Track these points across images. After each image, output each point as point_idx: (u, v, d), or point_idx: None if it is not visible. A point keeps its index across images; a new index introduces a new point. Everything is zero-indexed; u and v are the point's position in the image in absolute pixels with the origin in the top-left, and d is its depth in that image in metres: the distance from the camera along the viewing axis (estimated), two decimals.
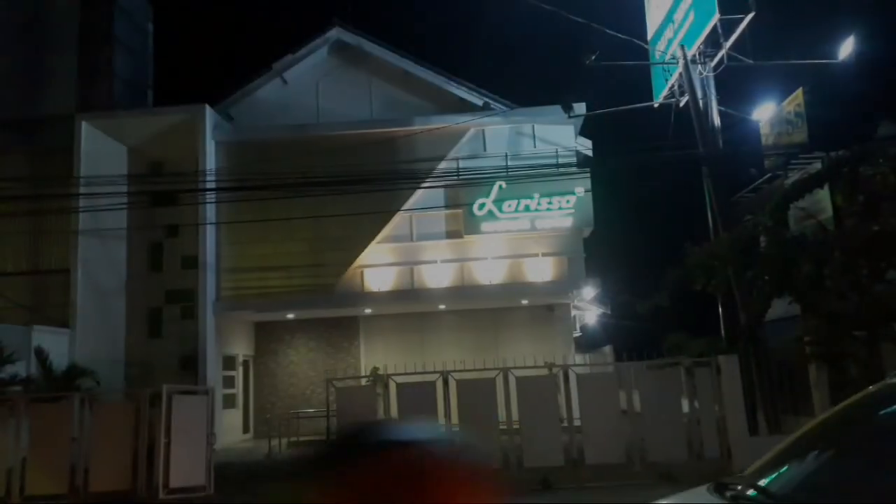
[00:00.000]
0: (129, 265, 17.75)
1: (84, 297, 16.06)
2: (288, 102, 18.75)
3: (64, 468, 10.15)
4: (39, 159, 16.60)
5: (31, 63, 17.52)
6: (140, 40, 19.31)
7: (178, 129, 17.02)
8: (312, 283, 16.75)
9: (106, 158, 16.64)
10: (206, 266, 16.31)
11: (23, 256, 16.51)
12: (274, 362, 18.78)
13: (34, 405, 10.67)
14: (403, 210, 16.78)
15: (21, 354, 13.25)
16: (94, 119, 16.81)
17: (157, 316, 17.96)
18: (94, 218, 14.69)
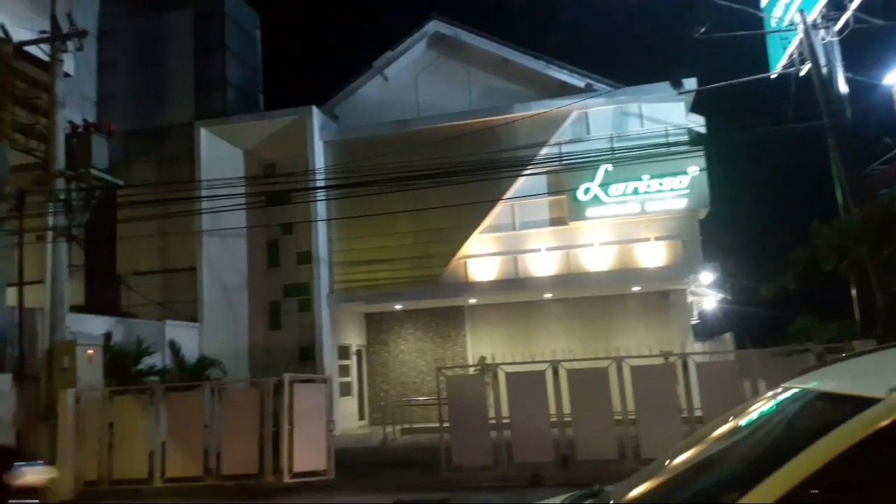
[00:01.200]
0: (250, 262, 18.76)
1: (210, 292, 17.12)
2: (389, 98, 19.13)
3: (198, 452, 10.84)
4: (165, 166, 17.81)
5: (154, 78, 18.81)
6: (250, 48, 20.29)
7: (288, 131, 17.76)
8: (418, 275, 17.05)
9: (224, 162, 17.62)
10: (318, 261, 16.97)
11: (154, 257, 17.80)
12: (385, 352, 19.28)
13: (170, 394, 11.46)
14: (505, 199, 16.72)
15: (157, 347, 14.32)
16: (212, 126, 17.84)
17: (276, 309, 18.91)
18: (216, 218, 15.59)
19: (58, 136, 12.42)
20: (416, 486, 10.26)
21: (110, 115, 17.48)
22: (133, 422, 11.12)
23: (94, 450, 11.02)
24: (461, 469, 10.46)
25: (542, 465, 10.24)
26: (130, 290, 17.36)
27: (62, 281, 12.17)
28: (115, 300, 17.38)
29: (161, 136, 18.30)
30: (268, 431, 10.90)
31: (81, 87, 16.42)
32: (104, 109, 18.08)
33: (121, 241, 17.51)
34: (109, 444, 11.06)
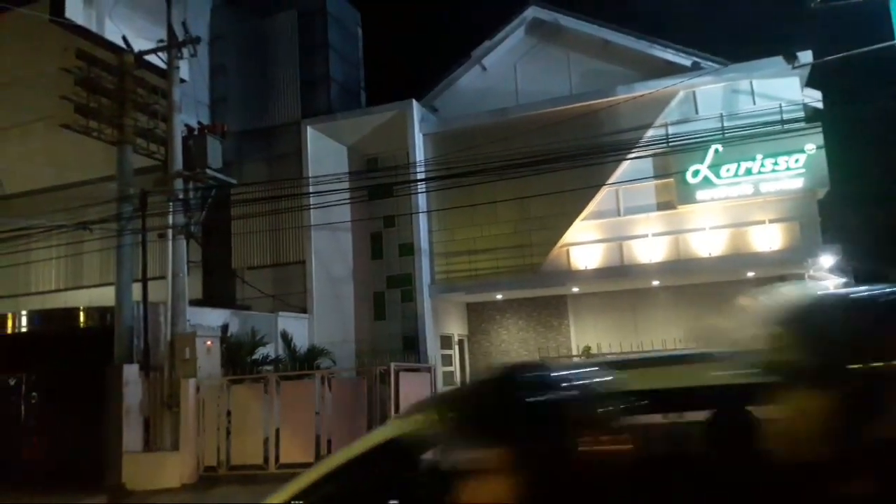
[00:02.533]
0: (355, 254, 19.25)
1: (318, 284, 17.70)
2: (488, 88, 19.02)
3: (310, 439, 11.24)
4: (275, 164, 18.51)
5: (262, 79, 19.58)
6: (352, 45, 20.74)
7: (389, 125, 18.04)
8: (519, 264, 16.88)
9: (329, 158, 18.13)
10: (420, 252, 17.16)
11: (266, 252, 18.58)
12: (487, 341, 19.26)
13: (283, 382, 11.94)
14: (609, 184, 16.23)
15: (270, 338, 14.95)
16: (317, 123, 18.39)
17: (380, 300, 19.33)
18: (323, 213, 16.06)
19: (175, 139, 13.14)
20: None
21: (222, 116, 18.42)
22: (249, 409, 11.66)
23: (213, 436, 11.64)
24: None
25: None
26: (245, 283, 18.24)
27: (182, 276, 12.90)
28: (230, 294, 18.30)
29: (270, 136, 19.05)
30: (376, 418, 11.14)
31: (195, 91, 17.39)
32: (217, 111, 19.10)
33: (235, 238, 18.39)
34: (227, 430, 11.66)
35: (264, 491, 7.40)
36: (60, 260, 18.12)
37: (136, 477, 11.41)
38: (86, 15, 13.37)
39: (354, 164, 19.26)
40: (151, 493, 10.92)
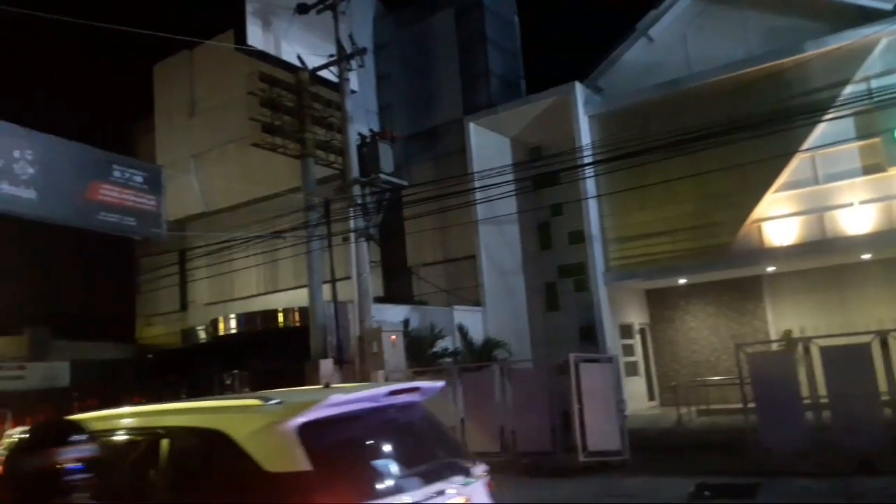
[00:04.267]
0: (523, 246, 19.16)
1: (489, 278, 17.82)
2: (655, 61, 17.99)
3: (494, 429, 11.31)
4: (441, 163, 18.92)
5: (424, 81, 20.10)
6: (509, 35, 20.66)
7: (551, 111, 17.70)
8: (703, 245, 15.77)
9: (492, 151, 18.17)
10: (591, 239, 16.65)
11: (438, 248, 19.07)
12: (671, 329, 18.28)
13: (463, 373, 12.15)
14: (802, 151, 14.67)
15: (447, 331, 15.31)
16: (479, 118, 18.51)
17: (552, 290, 19.07)
18: (490, 207, 16.11)
19: (351, 148, 13.84)
20: (719, 469, 9.49)
21: (390, 122, 19.17)
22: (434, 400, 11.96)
23: None
24: (771, 453, 9.41)
25: (870, 451, 8.80)
26: (420, 280, 18.86)
27: (366, 276, 13.57)
28: (408, 290, 19.00)
29: (434, 135, 19.51)
30: (558, 410, 10.97)
31: (365, 100, 18.24)
32: (385, 118, 19.90)
33: (409, 237, 19.05)
34: None
35: None
36: (259, 267, 19.86)
37: None
38: (265, 40, 14.42)
39: (518, 155, 19.16)
40: None
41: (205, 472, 3.46)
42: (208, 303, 22.20)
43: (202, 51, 20.92)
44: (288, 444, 3.26)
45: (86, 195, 10.28)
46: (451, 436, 4.59)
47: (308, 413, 3.40)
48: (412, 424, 4.18)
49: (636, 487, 9.32)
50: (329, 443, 3.40)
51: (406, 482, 3.47)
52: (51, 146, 9.93)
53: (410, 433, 4.13)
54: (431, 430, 4.32)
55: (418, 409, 4.29)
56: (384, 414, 3.92)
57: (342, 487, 3.18)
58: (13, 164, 9.36)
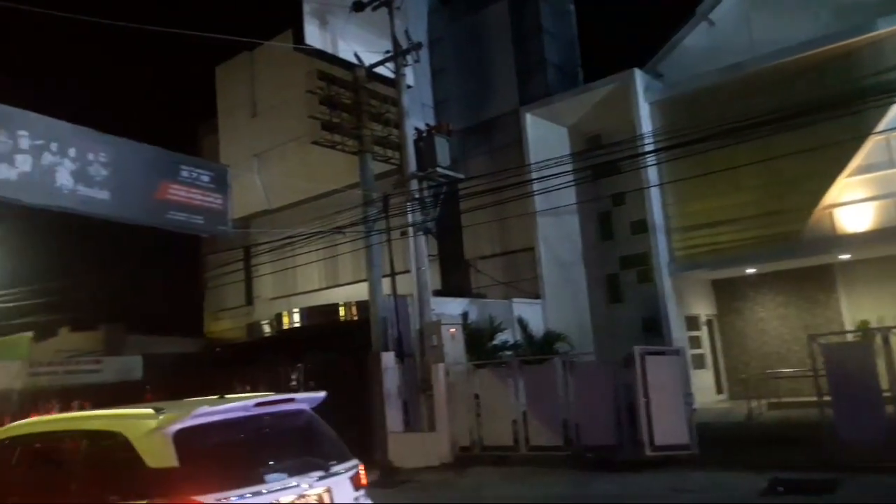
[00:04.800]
0: (583, 237, 18.90)
1: (548, 270, 17.67)
2: (716, 44, 17.47)
3: (557, 422, 11.21)
4: (497, 155, 18.81)
5: (479, 74, 20.02)
6: (565, 24, 20.37)
7: (610, 99, 17.40)
8: (771, 233, 15.24)
9: (549, 142, 17.97)
10: (654, 229, 16.30)
11: (496, 241, 19.00)
12: (740, 320, 17.75)
13: (525, 367, 12.08)
14: (876, 133, 13.99)
15: (506, 324, 15.25)
16: (535, 109, 18.34)
17: (614, 282, 18.77)
18: (548, 198, 15.94)
19: (408, 143, 13.93)
20: (792, 464, 9.15)
21: (446, 115, 19.14)
22: (495, 392, 11.97)
23: (464, 418, 12.14)
24: (848, 448, 9.03)
25: None
26: (478, 272, 18.84)
27: (424, 269, 13.65)
28: (465, 283, 19.01)
29: (491, 128, 19.42)
30: (623, 404, 10.80)
31: (420, 94, 18.27)
32: (440, 111, 19.89)
33: (466, 230, 19.03)
34: (476, 413, 12.11)
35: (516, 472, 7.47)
36: (320, 262, 20.19)
37: (399, 455, 12.31)
38: (322, 39, 14.63)
39: (576, 145, 18.90)
40: (415, 471, 11.69)
41: (107, 463, 4.38)
42: (272, 297, 22.74)
43: (262, 52, 21.37)
44: (164, 445, 4.13)
45: (156, 195, 10.63)
46: (333, 439, 5.23)
47: (182, 421, 4.26)
48: (291, 429, 5.03)
49: (706, 483, 9.09)
50: (197, 444, 4.21)
51: (264, 476, 4.29)
52: (122, 148, 10.31)
53: (287, 436, 4.97)
54: (312, 434, 5.12)
55: (302, 416, 5.17)
56: (260, 421, 4.74)
57: (202, 480, 4.03)
58: (88, 166, 9.76)
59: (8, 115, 8.87)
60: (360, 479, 5.01)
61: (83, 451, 4.51)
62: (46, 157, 9.23)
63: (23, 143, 8.98)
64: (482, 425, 11.98)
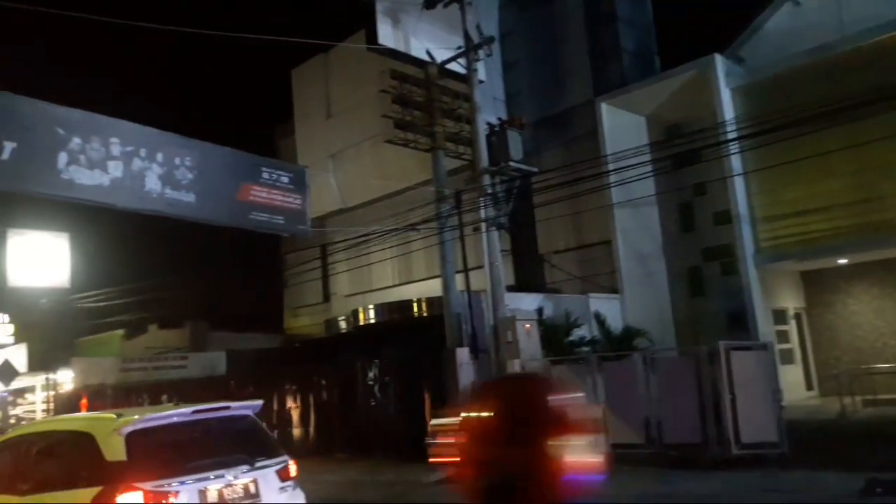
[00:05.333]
0: (663, 229, 18.39)
1: (626, 263, 17.28)
2: (802, 25, 16.63)
3: (638, 420, 10.94)
4: (571, 147, 18.51)
5: (552, 65, 19.76)
6: (640, 10, 19.84)
7: (689, 87, 16.86)
8: (865, 221, 14.42)
9: (626, 132, 17.55)
10: (739, 219, 15.69)
11: (570, 235, 18.72)
12: (830, 313, 16.89)
13: (603, 363, 11.84)
14: None
15: (583, 319, 14.99)
16: (611, 99, 17.96)
17: (696, 275, 18.17)
18: (625, 190, 15.58)
19: (480, 138, 13.85)
20: (892, 464, 8.63)
21: (518, 109, 19.01)
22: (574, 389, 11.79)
23: None
24: None
25: None
26: (553, 267, 18.60)
27: (497, 265, 13.56)
28: (539, 278, 18.81)
29: (564, 119, 19.14)
30: (707, 401, 10.44)
31: (492, 88, 18.19)
32: (513, 105, 19.76)
33: (539, 224, 18.83)
34: None
35: None
36: (394, 259, 20.42)
37: None
38: (395, 38, 14.74)
39: (654, 135, 18.39)
40: None
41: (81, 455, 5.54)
42: (348, 294, 23.18)
43: (336, 53, 21.78)
44: (118, 443, 5.32)
45: (238, 196, 10.93)
46: (268, 439, 6.46)
47: (133, 425, 5.48)
48: (231, 431, 6.17)
49: (798, 482, 8.68)
50: (143, 443, 5.41)
51: (196, 468, 5.44)
52: (206, 152, 10.65)
53: (225, 437, 6.11)
54: (250, 435, 6.26)
55: (245, 420, 6.32)
56: (203, 424, 6.00)
57: (144, 471, 5.21)
58: (174, 170, 10.14)
59: (101, 124, 9.31)
60: (288, 472, 6.11)
61: (66, 446, 5.85)
62: (136, 162, 9.62)
63: (114, 149, 9.39)
64: None
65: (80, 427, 5.95)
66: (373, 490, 11.63)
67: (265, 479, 5.87)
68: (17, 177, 8.42)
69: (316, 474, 13.25)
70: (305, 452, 14.97)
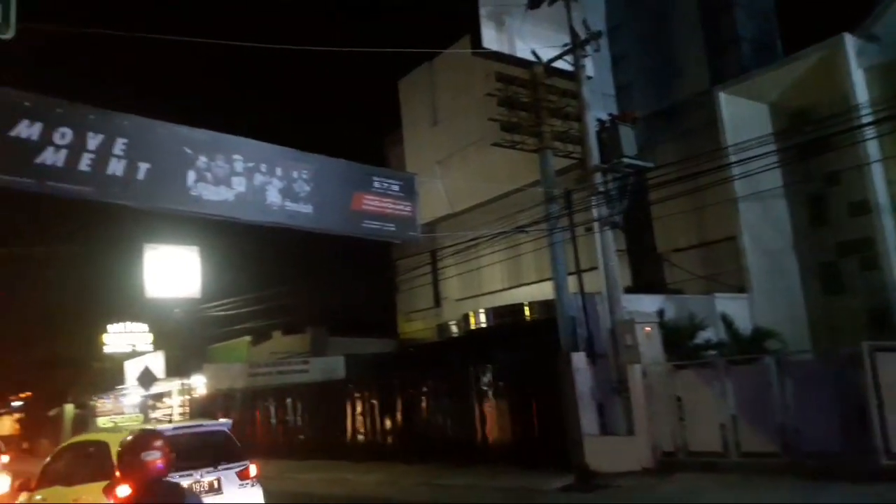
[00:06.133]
0: (792, 222, 17.18)
1: (754, 260, 16.27)
2: None
3: (772, 427, 10.22)
4: (687, 139, 17.65)
5: (663, 56, 19.01)
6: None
7: (816, 70, 15.72)
8: None
9: (747, 121, 16.53)
10: (879, 209, 14.41)
11: (691, 231, 17.85)
12: None
13: (732, 367, 11.16)
14: None
15: (708, 321, 14.22)
16: (730, 88, 17.01)
17: (831, 271, 16.80)
18: (750, 183, 14.68)
19: (589, 135, 13.53)
20: None
21: (629, 103, 18.38)
22: (699, 395, 11.21)
23: (665, 421, 11.49)
24: None
25: None
26: (673, 266, 17.81)
27: (613, 265, 13.15)
28: (658, 278, 18.08)
29: (679, 112, 18.33)
30: (850, 407, 9.59)
31: (601, 84, 17.71)
32: (623, 99, 19.15)
33: (657, 221, 18.11)
34: (679, 416, 11.39)
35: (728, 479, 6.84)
36: (503, 262, 20.31)
37: (597, 459, 11.93)
38: (499, 40, 14.68)
39: (778, 123, 17.21)
40: (615, 476, 11.26)
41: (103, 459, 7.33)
42: (459, 298, 23.30)
43: (441, 61, 22.01)
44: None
45: (351, 206, 11.20)
46: (234, 449, 8.51)
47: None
48: (206, 443, 8.36)
49: None
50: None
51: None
52: (321, 164, 10.99)
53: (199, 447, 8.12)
54: (220, 446, 8.43)
55: (218, 435, 8.68)
56: (184, 437, 7.98)
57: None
58: (293, 183, 10.53)
59: (224, 142, 9.82)
60: (247, 473, 8.16)
61: (92, 451, 7.94)
62: (257, 177, 10.06)
63: (238, 166, 9.87)
64: (685, 429, 11.26)
65: (102, 438, 8.21)
66: (496, 496, 11.57)
67: (227, 478, 8.00)
68: (151, 195, 9.01)
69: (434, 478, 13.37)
70: (420, 456, 15.14)
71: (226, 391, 23.70)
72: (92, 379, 37.87)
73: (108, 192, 8.61)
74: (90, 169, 8.31)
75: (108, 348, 35.17)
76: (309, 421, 19.77)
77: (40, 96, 8.16)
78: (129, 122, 8.80)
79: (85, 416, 32.48)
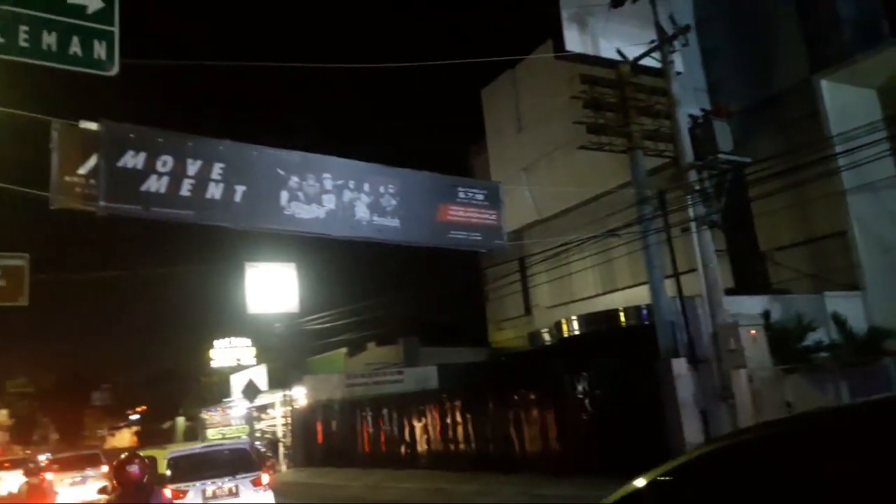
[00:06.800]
0: None
1: (868, 255, 15.18)
2: None
3: None
4: (787, 131, 16.72)
5: (757, 47, 18.09)
6: None
7: None
8: None
9: (853, 109, 15.47)
10: None
11: (795, 228, 16.84)
12: None
13: (847, 370, 10.46)
14: None
15: (818, 322, 13.38)
16: (831, 74, 16.01)
17: None
18: (859, 173, 13.71)
19: (682, 132, 13.07)
20: None
21: (722, 97, 17.60)
22: (811, 400, 10.57)
23: None
24: None
25: None
26: (777, 265, 16.86)
27: (713, 266, 12.59)
28: (762, 278, 17.15)
29: (776, 103, 17.37)
30: None
31: (692, 79, 17.08)
32: (716, 94, 18.36)
33: (758, 218, 17.20)
34: None
35: None
36: (595, 267, 19.87)
37: None
38: (582, 42, 14.42)
39: (888, 108, 16.00)
40: None
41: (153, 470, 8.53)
42: (550, 305, 22.97)
43: (523, 67, 21.88)
44: (167, 465, 10.88)
45: (437, 217, 11.29)
46: (252, 461, 11.57)
47: (173, 453, 11.76)
48: (229, 457, 11.50)
49: None
50: (176, 464, 11.07)
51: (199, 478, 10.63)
52: (406, 178, 11.16)
53: (223, 461, 11.29)
54: (240, 459, 11.46)
55: (238, 450, 12.14)
56: (210, 453, 11.94)
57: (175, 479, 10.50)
58: (380, 198, 10.73)
59: (313, 162, 10.13)
60: (259, 481, 10.89)
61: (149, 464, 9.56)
62: (346, 194, 10.32)
63: (327, 184, 10.16)
64: None
65: (153, 454, 10.86)
66: None
67: (243, 485, 10.79)
68: (248, 216, 9.40)
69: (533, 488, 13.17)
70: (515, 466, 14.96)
71: (325, 402, 24.36)
72: (201, 392, 39.97)
73: (209, 215, 9.05)
74: (190, 194, 8.77)
75: (215, 363, 37.01)
76: (405, 430, 20.00)
77: (142, 127, 8.68)
78: (225, 148, 9.23)
79: (195, 427, 34.24)
